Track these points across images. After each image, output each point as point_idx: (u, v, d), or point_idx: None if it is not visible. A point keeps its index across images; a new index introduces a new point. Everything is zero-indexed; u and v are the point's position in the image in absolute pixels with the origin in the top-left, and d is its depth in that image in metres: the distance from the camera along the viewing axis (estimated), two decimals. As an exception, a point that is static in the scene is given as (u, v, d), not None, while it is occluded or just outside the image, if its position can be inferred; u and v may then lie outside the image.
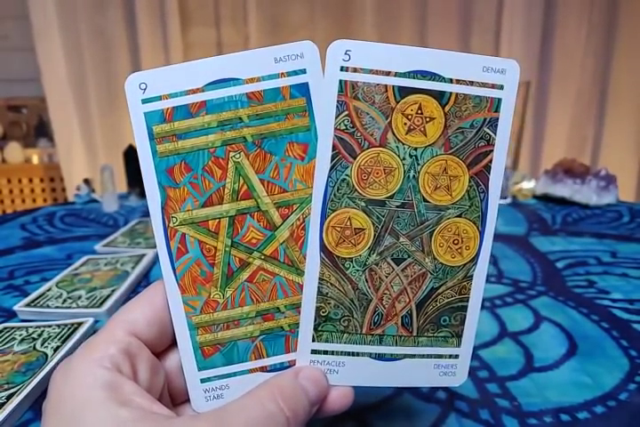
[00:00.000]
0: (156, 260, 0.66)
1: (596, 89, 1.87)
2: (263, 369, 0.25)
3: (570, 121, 1.89)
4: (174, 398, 0.26)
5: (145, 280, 0.60)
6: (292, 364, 0.25)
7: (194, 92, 0.24)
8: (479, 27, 1.84)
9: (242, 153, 0.24)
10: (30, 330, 0.44)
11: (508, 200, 0.99)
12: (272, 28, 1.89)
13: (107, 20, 1.85)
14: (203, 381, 0.25)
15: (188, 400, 0.25)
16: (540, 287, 0.56)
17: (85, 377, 0.21)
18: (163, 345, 0.25)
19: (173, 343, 0.25)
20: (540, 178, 1.03)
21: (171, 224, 0.24)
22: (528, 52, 1.83)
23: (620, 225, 0.81)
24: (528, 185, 1.02)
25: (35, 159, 2.10)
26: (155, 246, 0.68)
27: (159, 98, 0.24)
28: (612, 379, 0.38)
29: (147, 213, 0.90)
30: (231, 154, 0.24)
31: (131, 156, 1.01)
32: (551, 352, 0.42)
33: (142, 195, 1.00)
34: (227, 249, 0.25)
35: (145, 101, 0.24)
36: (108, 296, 0.52)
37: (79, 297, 0.52)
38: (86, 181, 1.05)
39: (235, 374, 0.25)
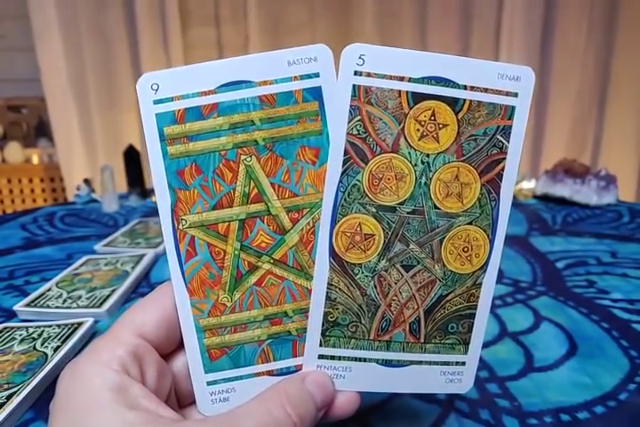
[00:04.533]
0: (156, 260, 0.66)
1: (597, 89, 1.87)
2: (270, 373, 0.25)
3: (570, 121, 1.89)
4: (181, 400, 0.26)
5: (145, 280, 0.60)
6: (298, 368, 0.25)
7: (206, 93, 0.23)
8: (479, 26, 1.84)
9: (253, 156, 0.24)
10: (30, 330, 0.44)
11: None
12: (272, 27, 1.88)
13: (107, 20, 1.85)
14: (209, 383, 0.25)
15: (194, 402, 0.25)
16: (539, 287, 0.56)
17: (93, 379, 0.21)
18: (170, 347, 0.25)
19: (181, 346, 0.25)
20: (540, 178, 1.03)
21: (180, 226, 0.24)
22: (528, 52, 1.83)
23: (620, 225, 0.81)
24: (528, 185, 1.02)
25: (35, 159, 2.09)
26: (155, 246, 0.68)
27: (171, 99, 0.24)
28: (612, 379, 0.38)
29: (147, 213, 0.91)
30: (242, 157, 0.24)
31: (131, 156, 1.01)
32: (551, 352, 0.42)
33: (142, 195, 1.00)
34: (236, 252, 0.25)
35: (156, 102, 0.24)
36: (108, 296, 0.51)
37: (79, 297, 0.52)
38: (86, 181, 1.05)
39: (241, 378, 0.25)
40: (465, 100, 0.24)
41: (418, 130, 0.24)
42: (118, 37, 1.87)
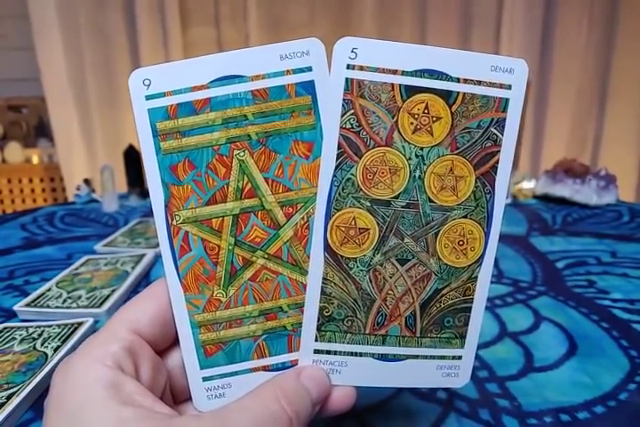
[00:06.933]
0: (155, 260, 0.66)
1: (597, 88, 1.87)
2: (265, 368, 0.25)
3: (570, 121, 1.89)
4: (176, 396, 0.26)
5: (145, 280, 0.60)
6: (294, 363, 0.25)
7: (198, 88, 0.23)
8: (479, 26, 1.84)
9: (246, 151, 0.24)
10: (30, 330, 0.44)
11: (509, 200, 0.99)
12: (272, 27, 1.89)
13: (107, 19, 1.85)
14: (205, 379, 0.25)
15: (189, 399, 0.25)
16: (540, 287, 0.56)
17: (87, 375, 0.21)
18: (165, 343, 0.25)
19: (176, 341, 0.25)
20: (540, 178, 1.03)
21: (174, 222, 0.24)
22: (528, 51, 1.83)
23: (620, 225, 0.81)
24: (528, 185, 1.02)
25: (35, 159, 2.09)
26: (155, 246, 0.68)
27: (163, 94, 0.23)
28: (612, 379, 0.38)
29: (147, 213, 0.91)
30: (235, 152, 0.24)
31: (131, 156, 1.01)
32: (551, 352, 0.42)
33: (142, 195, 1.00)
34: (230, 248, 0.24)
35: (149, 98, 0.23)
36: (108, 296, 0.52)
37: (79, 297, 0.52)
38: (86, 181, 1.05)
39: (237, 373, 0.25)
40: (458, 92, 0.24)
41: (411, 123, 0.24)
42: (118, 37, 1.88)
